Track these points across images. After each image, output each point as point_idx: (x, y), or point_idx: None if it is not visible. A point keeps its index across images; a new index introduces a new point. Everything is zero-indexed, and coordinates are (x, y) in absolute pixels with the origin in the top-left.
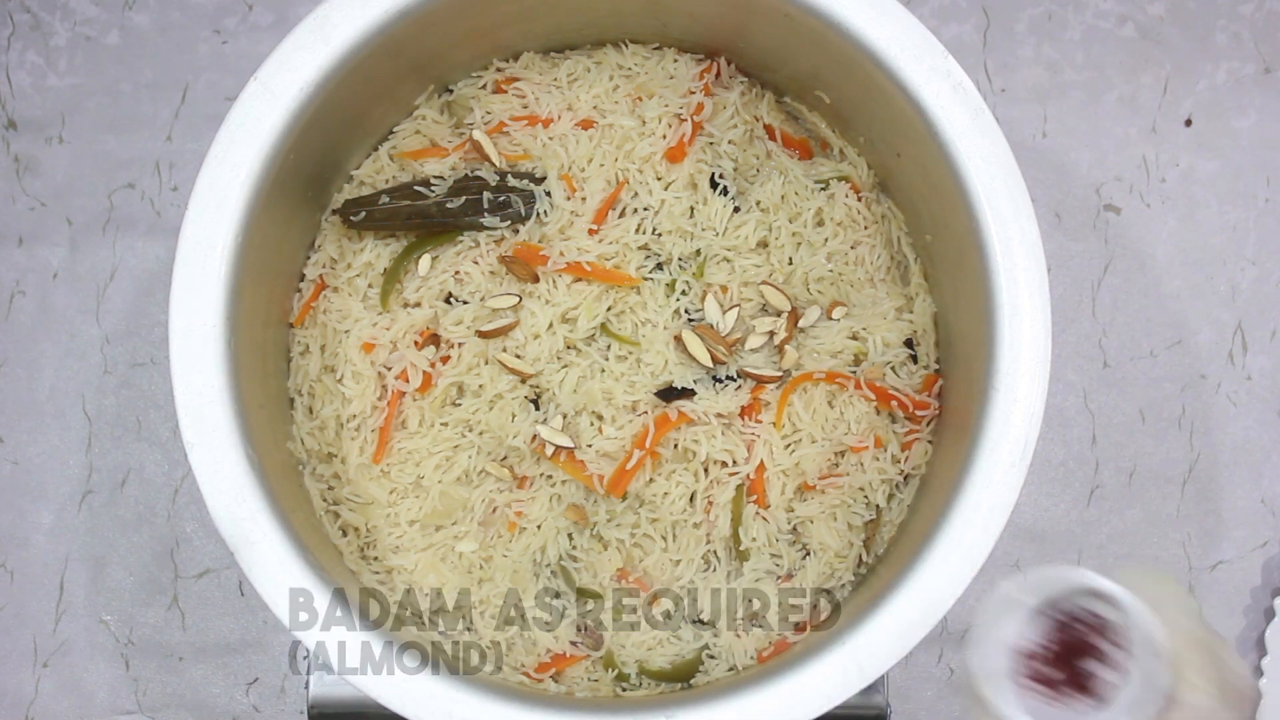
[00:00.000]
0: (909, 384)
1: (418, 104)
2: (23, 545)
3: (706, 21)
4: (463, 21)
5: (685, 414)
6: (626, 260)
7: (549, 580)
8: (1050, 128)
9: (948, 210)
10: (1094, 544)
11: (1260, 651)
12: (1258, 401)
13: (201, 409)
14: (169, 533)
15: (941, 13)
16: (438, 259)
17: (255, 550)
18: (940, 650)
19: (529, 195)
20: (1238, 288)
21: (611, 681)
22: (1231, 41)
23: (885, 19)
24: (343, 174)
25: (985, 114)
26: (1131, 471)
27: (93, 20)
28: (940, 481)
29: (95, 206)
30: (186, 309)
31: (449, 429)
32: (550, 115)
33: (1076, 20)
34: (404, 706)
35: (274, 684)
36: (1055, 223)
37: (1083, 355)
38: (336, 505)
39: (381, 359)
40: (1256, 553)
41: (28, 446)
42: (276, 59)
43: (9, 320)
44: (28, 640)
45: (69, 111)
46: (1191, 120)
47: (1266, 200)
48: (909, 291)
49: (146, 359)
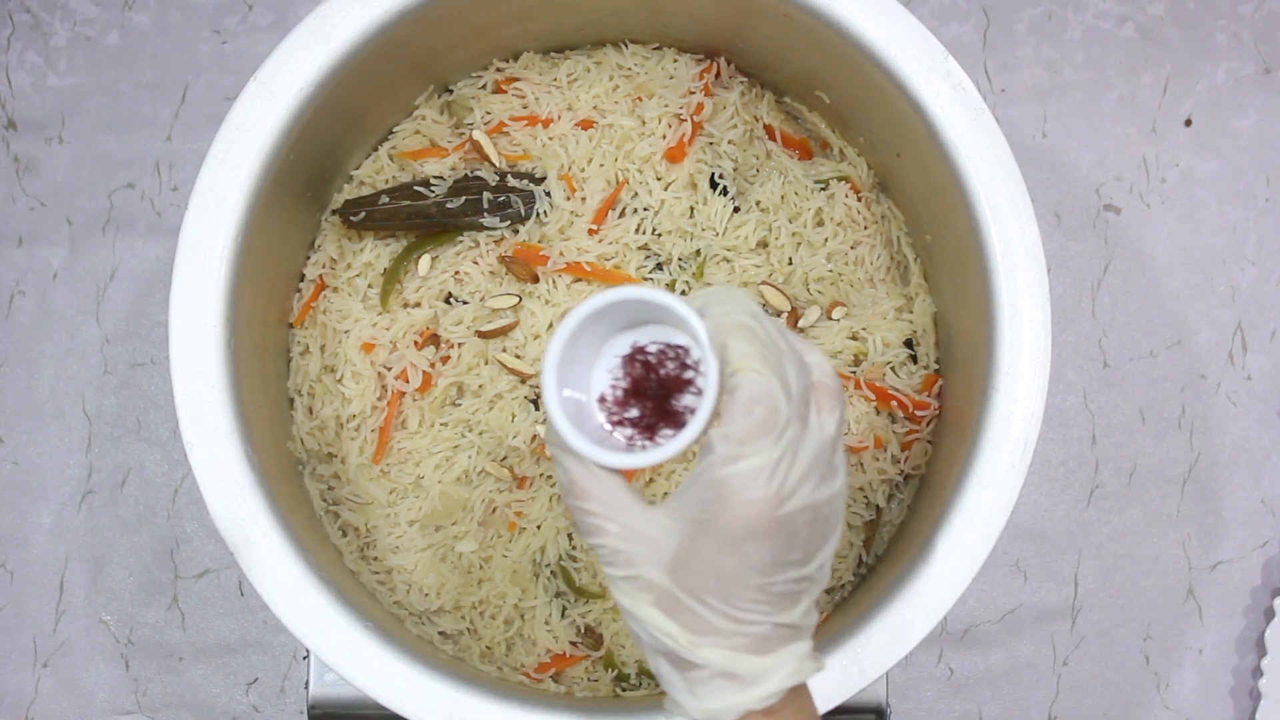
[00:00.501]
0: (909, 384)
1: (418, 104)
2: (23, 545)
3: (706, 21)
4: (463, 21)
5: None
6: (626, 260)
7: (549, 580)
8: (1050, 128)
9: (948, 210)
10: (1094, 544)
11: (1260, 651)
12: (1258, 401)
13: (201, 409)
14: (169, 533)
15: (941, 13)
16: (438, 259)
17: (255, 550)
18: (940, 650)
19: (529, 195)
20: (1238, 288)
21: (611, 681)
22: (1231, 41)
23: (885, 19)
24: (343, 174)
25: (985, 114)
26: (1131, 471)
27: (93, 20)
28: (940, 481)
29: (95, 206)
30: (186, 309)
31: (449, 429)
32: (550, 115)
33: (1076, 20)
34: (404, 706)
35: (274, 684)
36: (1055, 223)
37: (1083, 355)
38: (336, 505)
39: (381, 359)
40: (1256, 553)
41: (27, 446)
42: (276, 59)
43: (9, 320)
44: (28, 640)
45: (69, 111)
46: (1191, 120)
47: (1266, 200)
48: (909, 291)
49: (146, 359)
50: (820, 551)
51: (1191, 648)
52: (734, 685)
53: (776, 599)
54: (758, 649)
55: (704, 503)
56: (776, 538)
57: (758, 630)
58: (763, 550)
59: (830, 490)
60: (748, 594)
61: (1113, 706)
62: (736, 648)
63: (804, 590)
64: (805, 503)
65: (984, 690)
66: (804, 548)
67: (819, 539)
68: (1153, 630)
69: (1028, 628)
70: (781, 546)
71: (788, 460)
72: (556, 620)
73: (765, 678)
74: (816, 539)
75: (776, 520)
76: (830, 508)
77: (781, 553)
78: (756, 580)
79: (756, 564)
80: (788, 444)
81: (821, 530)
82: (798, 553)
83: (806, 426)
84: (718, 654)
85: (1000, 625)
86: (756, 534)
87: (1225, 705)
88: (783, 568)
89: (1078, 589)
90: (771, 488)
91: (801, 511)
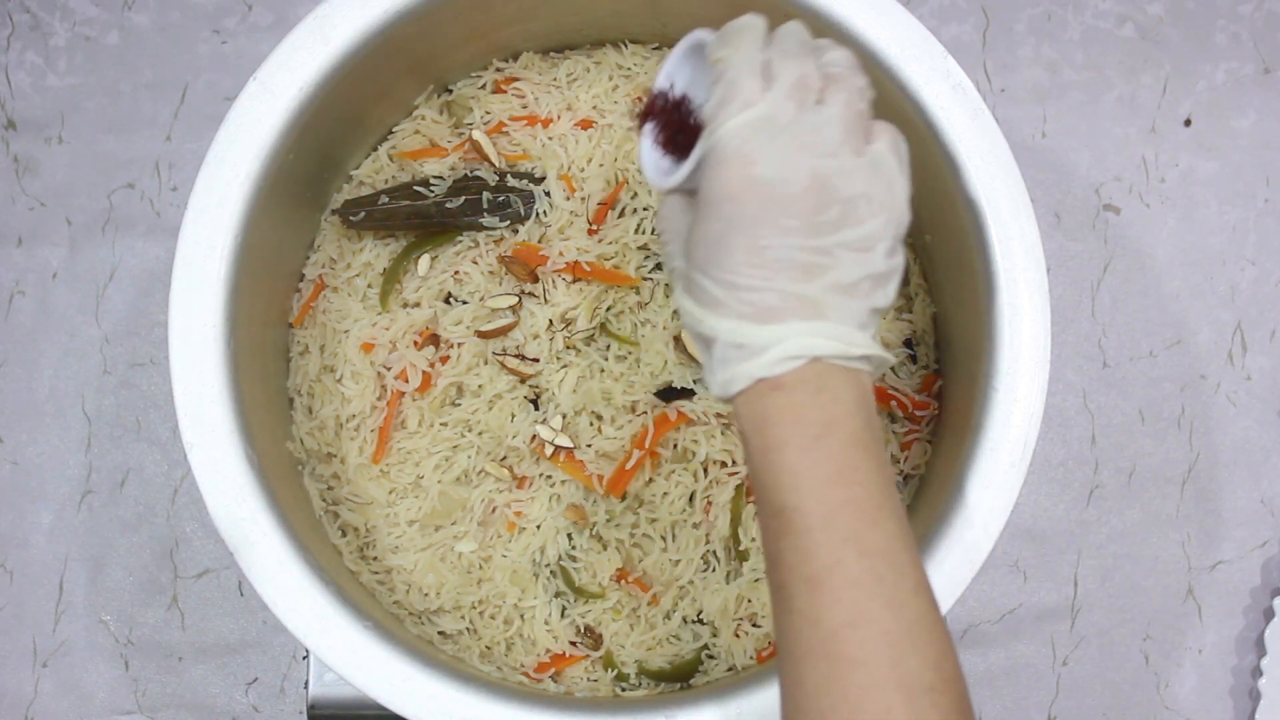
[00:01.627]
0: (909, 384)
1: (417, 104)
2: (22, 545)
3: (707, 22)
4: (463, 21)
5: (685, 414)
6: (626, 260)
7: (548, 580)
8: (1050, 128)
9: (948, 210)
10: (1094, 544)
11: (1260, 651)
12: (1257, 401)
13: (201, 409)
14: (169, 533)
15: (941, 13)
16: (437, 259)
17: (255, 550)
18: None
19: (528, 195)
20: (1237, 288)
21: (611, 681)
22: (1231, 41)
23: (885, 19)
24: (342, 174)
25: (985, 114)
26: (1131, 471)
27: (92, 20)
28: (940, 482)
29: (95, 206)
30: (186, 309)
31: (448, 429)
32: (550, 115)
33: (1076, 20)
34: (404, 706)
35: (274, 684)
36: (1055, 223)
37: (1082, 355)
38: (336, 505)
39: (381, 359)
40: (1256, 553)
41: (27, 446)
42: (276, 59)
43: (9, 320)
44: (27, 640)
45: (69, 111)
46: (1191, 120)
47: (1266, 200)
48: (909, 291)
49: (146, 359)
50: (840, 228)
51: (1191, 648)
52: (740, 354)
53: (778, 265)
54: (763, 318)
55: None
56: (753, 197)
57: (761, 298)
58: (740, 211)
59: (839, 164)
60: (737, 257)
61: (1112, 706)
62: (741, 316)
63: (821, 264)
64: (788, 168)
65: (984, 690)
66: (805, 215)
67: (833, 212)
68: (1152, 630)
69: (1027, 628)
70: (762, 206)
71: (763, 130)
72: (556, 620)
73: (770, 346)
74: (827, 210)
75: (749, 179)
76: (846, 183)
77: (766, 213)
78: (742, 241)
79: (738, 225)
80: (760, 116)
81: (834, 203)
82: (792, 219)
83: (801, 106)
84: (724, 324)
85: (1000, 625)
86: (730, 195)
87: (1225, 705)
88: (777, 232)
89: (1077, 589)
90: (733, 148)
91: (790, 176)
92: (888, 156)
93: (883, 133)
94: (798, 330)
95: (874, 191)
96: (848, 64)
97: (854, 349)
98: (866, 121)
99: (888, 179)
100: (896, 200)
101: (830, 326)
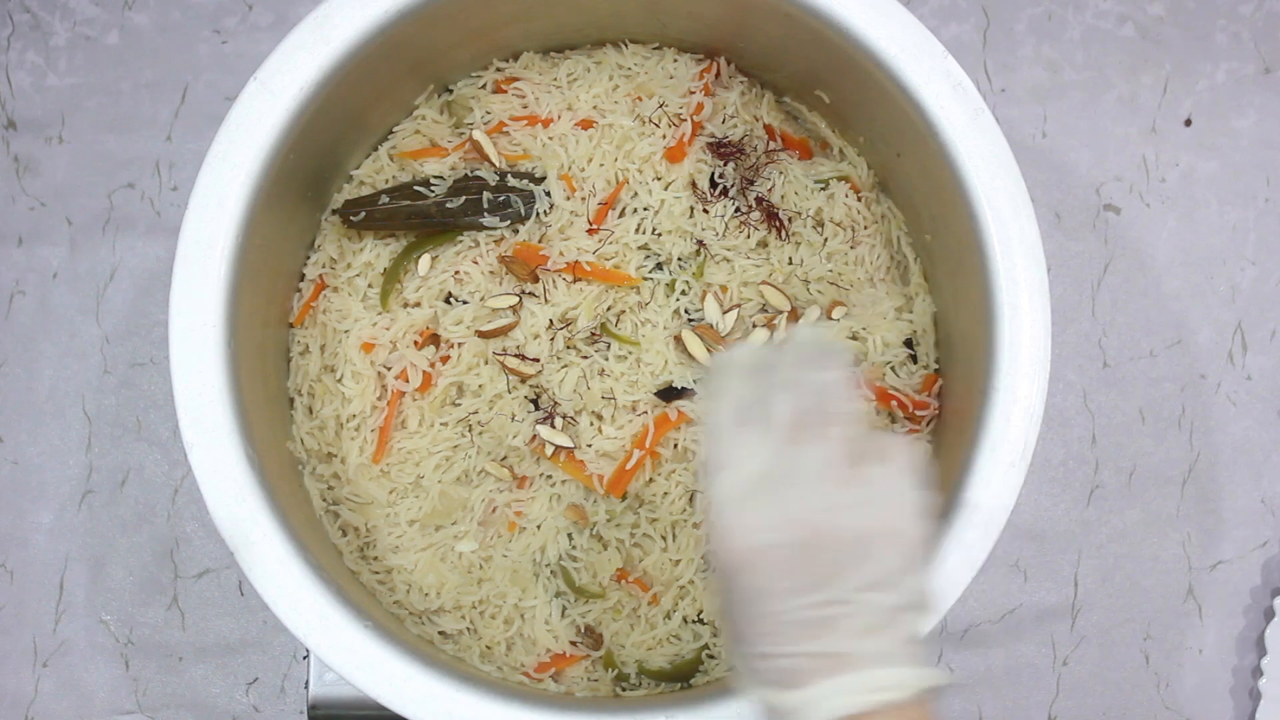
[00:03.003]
0: (909, 384)
1: (418, 104)
2: (23, 545)
3: (706, 21)
4: (463, 21)
5: (685, 414)
6: (626, 260)
7: (549, 580)
8: (1050, 128)
9: (948, 210)
10: (1094, 544)
11: (1260, 651)
12: (1258, 401)
13: (201, 409)
14: (169, 533)
15: (941, 13)
16: (437, 259)
17: (255, 550)
18: (940, 650)
19: (529, 195)
20: (1238, 288)
21: (611, 681)
22: (1231, 41)
23: (885, 19)
24: (342, 174)
25: (985, 114)
26: (1131, 471)
27: (93, 20)
28: (940, 481)
29: (95, 206)
30: (186, 309)
31: (449, 429)
32: (550, 115)
33: (1076, 20)
34: (404, 706)
35: (274, 684)
36: (1055, 223)
37: (1083, 355)
38: (336, 505)
39: (381, 359)
40: (1256, 553)
41: (27, 446)
42: (276, 59)
43: (9, 320)
44: (28, 640)
45: (69, 111)
46: (1191, 120)
47: (1266, 200)
48: (909, 291)
49: (146, 359)
50: (846, 571)
51: (1191, 647)
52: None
53: (790, 629)
54: (789, 682)
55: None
56: (755, 567)
57: (785, 664)
58: (749, 582)
59: (835, 505)
60: (755, 628)
61: (1113, 706)
62: (769, 684)
63: (832, 616)
64: (784, 528)
65: (984, 690)
66: (805, 572)
67: (837, 558)
68: (1153, 630)
69: (1028, 627)
70: (764, 575)
71: (759, 489)
72: (556, 620)
73: (802, 710)
74: (828, 559)
75: (748, 550)
76: (846, 523)
77: (769, 581)
78: (752, 612)
79: (748, 597)
80: (753, 475)
81: (834, 549)
82: (794, 579)
83: (796, 447)
84: (757, 691)
85: (1000, 625)
86: (734, 569)
87: (1225, 705)
88: (782, 596)
89: (1078, 589)
90: (730, 515)
91: (786, 535)
92: (887, 482)
93: (885, 455)
94: (826, 691)
95: (877, 524)
96: (841, 392)
97: (892, 694)
98: (867, 445)
99: (891, 507)
100: (906, 525)
101: (861, 677)
